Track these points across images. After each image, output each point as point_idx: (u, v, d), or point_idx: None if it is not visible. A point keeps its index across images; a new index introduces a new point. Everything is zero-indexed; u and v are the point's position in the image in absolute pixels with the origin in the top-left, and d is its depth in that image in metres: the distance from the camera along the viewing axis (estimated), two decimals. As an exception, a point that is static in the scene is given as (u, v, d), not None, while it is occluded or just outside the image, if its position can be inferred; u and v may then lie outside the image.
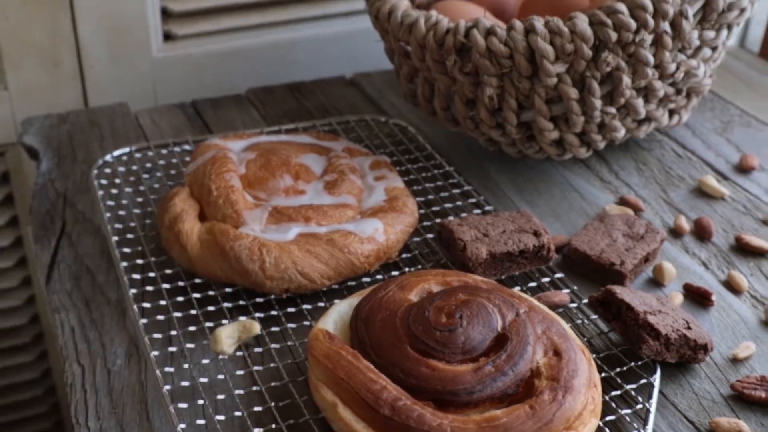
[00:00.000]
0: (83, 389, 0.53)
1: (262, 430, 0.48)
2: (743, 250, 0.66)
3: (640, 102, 0.68)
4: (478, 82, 0.65)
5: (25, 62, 0.86)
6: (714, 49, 0.71)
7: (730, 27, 0.70)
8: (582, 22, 0.61)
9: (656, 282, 0.62)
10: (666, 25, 0.63)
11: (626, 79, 0.64)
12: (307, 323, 0.56)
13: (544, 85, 0.63)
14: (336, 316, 0.52)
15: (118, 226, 0.64)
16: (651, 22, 0.62)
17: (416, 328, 0.48)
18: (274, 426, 0.49)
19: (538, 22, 0.61)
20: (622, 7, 0.61)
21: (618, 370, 0.53)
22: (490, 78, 0.64)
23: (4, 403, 1.00)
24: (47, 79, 0.87)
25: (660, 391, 0.53)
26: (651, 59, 0.64)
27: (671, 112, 0.75)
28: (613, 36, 0.61)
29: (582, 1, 0.71)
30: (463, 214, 0.65)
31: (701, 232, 0.67)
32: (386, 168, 0.66)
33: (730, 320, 0.59)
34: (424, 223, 0.66)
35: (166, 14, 0.90)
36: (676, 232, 0.68)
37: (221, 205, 0.60)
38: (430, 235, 0.64)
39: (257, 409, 0.50)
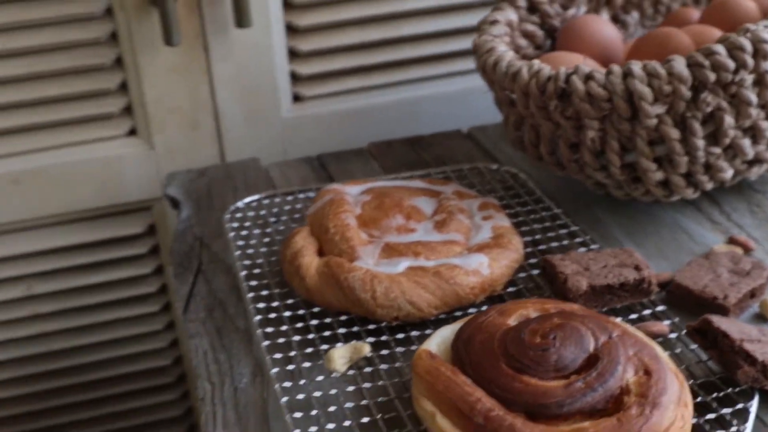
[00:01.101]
0: (212, 403, 0.59)
1: (368, 439, 0.52)
2: None
3: (746, 142, 0.69)
4: (580, 125, 0.68)
5: (169, 125, 0.95)
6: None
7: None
8: (679, 64, 0.63)
9: (763, 317, 0.63)
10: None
11: (729, 119, 0.66)
12: (414, 347, 0.60)
13: (644, 126, 0.66)
14: (439, 340, 0.56)
15: (246, 263, 0.70)
16: (750, 62, 0.64)
17: (512, 348, 0.51)
18: (380, 437, 0.53)
19: (636, 66, 0.64)
20: (720, 48, 0.63)
21: (714, 395, 0.54)
22: (591, 121, 0.67)
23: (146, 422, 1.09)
24: (188, 139, 0.96)
25: (759, 418, 0.54)
26: (754, 99, 0.66)
27: (784, 154, 0.76)
28: (712, 77, 0.63)
29: (687, 45, 0.73)
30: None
31: (812, 271, 0.67)
32: (493, 209, 0.70)
33: (838, 353, 0.59)
34: (531, 260, 0.69)
35: (294, 78, 0.97)
36: (786, 271, 0.68)
37: (338, 242, 0.65)
38: (535, 271, 0.67)
39: (364, 420, 0.54)
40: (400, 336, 0.61)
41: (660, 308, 0.62)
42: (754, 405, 0.53)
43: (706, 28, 0.75)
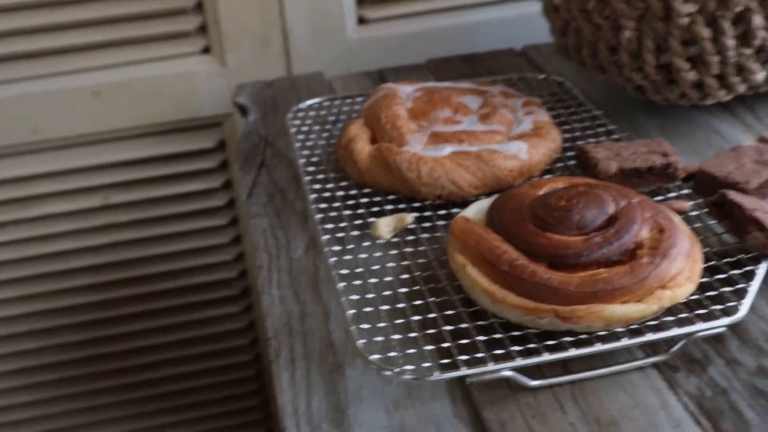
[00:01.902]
0: (269, 269, 0.66)
1: (407, 289, 0.58)
2: None
3: (777, 45, 0.72)
4: (618, 26, 0.72)
5: (241, 43, 1.01)
6: None
7: None
8: (710, -36, 0.67)
9: (784, 203, 0.67)
10: (798, -33, 0.68)
11: (758, 19, 0.70)
12: (454, 221, 0.66)
13: (677, 26, 0.70)
14: (476, 209, 0.61)
15: (305, 152, 0.77)
16: (779, -38, 0.67)
17: (539, 210, 0.57)
18: (416, 287, 0.59)
19: (669, -34, 0.68)
20: (749, -52, 0.67)
21: (726, 260, 0.59)
22: (627, 21, 0.71)
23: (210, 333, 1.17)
24: (258, 56, 1.03)
25: (766, 283, 0.58)
26: (783, 0, 0.69)
27: (819, 63, 0.79)
28: (741, -24, 0.67)
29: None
30: (604, 146, 0.73)
31: (838, 166, 0.71)
32: (536, 106, 0.75)
33: None
34: (568, 153, 0.73)
35: (360, 0, 1.03)
36: (813, 166, 0.71)
37: (388, 130, 0.71)
38: (572, 162, 0.72)
39: (404, 276, 0.60)
40: (442, 212, 0.67)
41: (685, 191, 0.67)
42: (762, 267, 0.57)
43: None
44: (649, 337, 0.52)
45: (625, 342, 0.52)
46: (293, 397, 0.53)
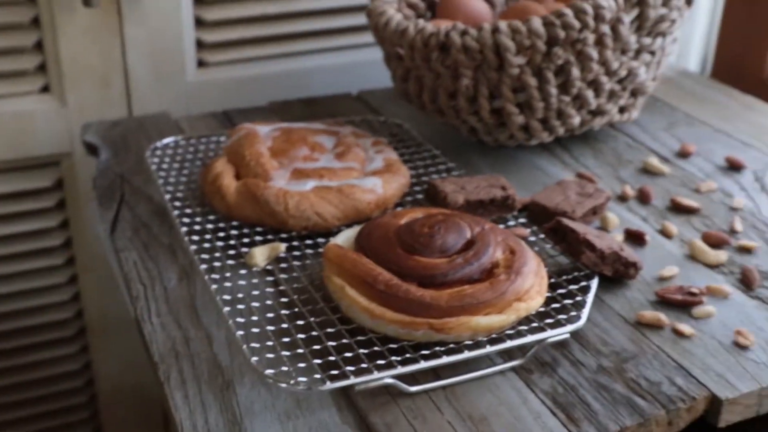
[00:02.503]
0: (146, 299, 0.68)
1: (288, 311, 0.63)
2: (676, 209, 0.81)
3: (590, 93, 0.84)
4: (457, 75, 0.81)
5: (82, 83, 1.02)
6: (652, 53, 0.87)
7: (664, 35, 0.87)
8: (537, 22, 0.77)
9: (603, 229, 0.77)
10: (606, 28, 0.80)
11: (575, 72, 0.81)
12: (321, 249, 0.71)
13: (509, 75, 0.79)
14: (344, 237, 0.67)
15: (169, 188, 0.80)
16: (592, 23, 0.78)
17: (405, 236, 0.64)
18: (296, 309, 0.64)
19: (502, 24, 0.78)
20: (568, 11, 0.78)
21: (564, 277, 0.68)
22: (465, 70, 0.80)
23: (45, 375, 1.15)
24: (99, 96, 1.04)
25: (598, 296, 0.68)
26: (595, 56, 0.80)
27: (622, 109, 0.91)
28: (562, 34, 0.78)
29: (542, 14, 0.87)
30: (447, 180, 0.81)
31: (643, 197, 0.83)
32: (384, 145, 0.82)
33: (660, 254, 0.74)
34: (415, 188, 0.81)
35: (200, 45, 1.07)
36: (622, 198, 0.83)
37: (253, 167, 0.76)
38: (420, 196, 0.80)
39: (283, 300, 0.65)
40: (309, 242, 0.72)
41: (522, 220, 0.76)
42: (594, 282, 0.67)
43: (559, 4, 0.90)
44: (509, 344, 0.60)
45: (488, 349, 0.59)
46: (190, 414, 0.57)
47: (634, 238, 0.76)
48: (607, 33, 0.80)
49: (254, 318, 0.63)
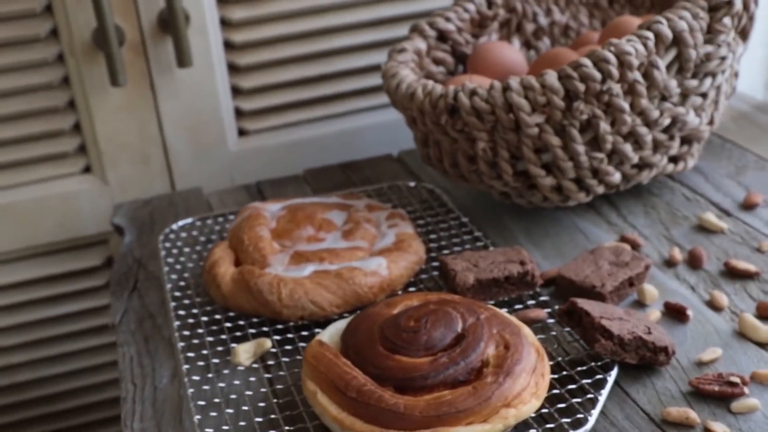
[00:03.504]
0: (133, 401, 0.64)
1: (262, 418, 0.58)
2: (731, 273, 0.71)
3: (628, 147, 0.75)
4: (472, 138, 0.74)
5: (121, 161, 1.01)
6: (703, 96, 0.78)
7: (714, 75, 0.77)
8: (551, 77, 0.70)
9: (640, 303, 0.69)
10: (637, 75, 0.71)
11: (604, 126, 0.72)
12: (314, 342, 0.66)
13: (527, 135, 0.72)
14: (333, 330, 0.62)
15: (174, 276, 0.77)
16: (616, 73, 0.70)
17: (388, 331, 0.57)
18: (273, 416, 0.58)
19: (513, 80, 0.71)
20: (587, 61, 0.70)
21: (578, 368, 0.60)
22: (480, 133, 0.73)
23: None
24: (140, 173, 1.03)
25: (621, 388, 0.59)
26: (626, 107, 0.72)
27: (675, 159, 0.82)
28: (581, 87, 0.70)
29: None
30: (468, 254, 0.74)
31: (693, 261, 0.73)
32: (399, 218, 0.76)
33: (704, 331, 0.65)
34: (434, 264, 0.74)
35: (239, 113, 1.04)
36: (669, 263, 0.74)
37: (251, 252, 0.71)
38: (436, 273, 0.73)
39: (261, 404, 0.60)
40: (305, 333, 0.67)
41: (543, 298, 0.68)
42: (612, 375, 0.58)
43: (596, 47, 0.82)
44: (497, 456, 0.52)
45: (472, 464, 0.52)
46: None
47: (675, 313, 0.67)
48: (639, 80, 0.72)
49: (225, 427, 0.58)
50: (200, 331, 0.69)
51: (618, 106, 0.72)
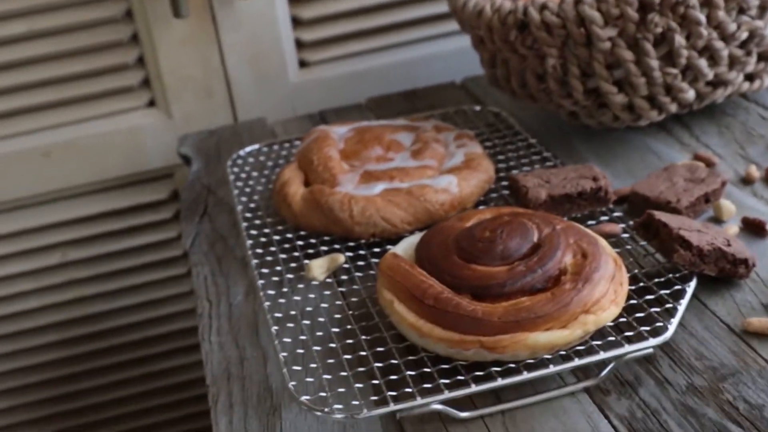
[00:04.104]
0: (209, 317, 0.65)
1: (339, 329, 0.59)
2: (810, 190, 0.69)
3: (703, 62, 0.73)
4: (542, 55, 0.73)
5: (185, 94, 1.02)
6: (784, 9, 0.75)
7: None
8: (625, -12, 0.68)
9: (716, 220, 0.67)
10: (713, -14, 0.69)
11: (679, 39, 0.70)
12: (387, 258, 0.66)
13: (599, 50, 0.71)
14: (406, 245, 0.62)
15: (243, 199, 0.77)
16: (693, -18, 0.68)
17: (463, 242, 0.57)
18: (349, 326, 0.59)
19: (586, -7, 0.69)
20: (663, -29, 0.68)
21: (656, 280, 0.59)
22: (550, 49, 0.72)
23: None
24: (203, 106, 1.03)
25: (700, 301, 0.58)
26: (702, 19, 0.70)
27: (751, 77, 0.79)
28: (656, -2, 0.68)
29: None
30: (539, 174, 0.73)
31: (770, 178, 0.71)
32: (467, 138, 0.75)
33: (784, 246, 0.63)
34: (503, 183, 0.74)
35: (299, 44, 1.04)
36: (746, 180, 0.72)
37: (321, 172, 0.71)
38: (506, 191, 0.73)
39: (337, 316, 0.60)
40: (377, 250, 0.67)
41: (617, 214, 0.67)
42: (691, 286, 0.58)
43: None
44: (576, 362, 0.52)
45: (552, 369, 0.52)
46: (229, 444, 0.53)
47: (753, 228, 0.65)
48: (716, -9, 0.69)
49: (303, 337, 0.59)
50: (273, 249, 0.69)
51: (694, 18, 0.70)
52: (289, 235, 0.71)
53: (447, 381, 0.52)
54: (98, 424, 1.17)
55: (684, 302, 0.56)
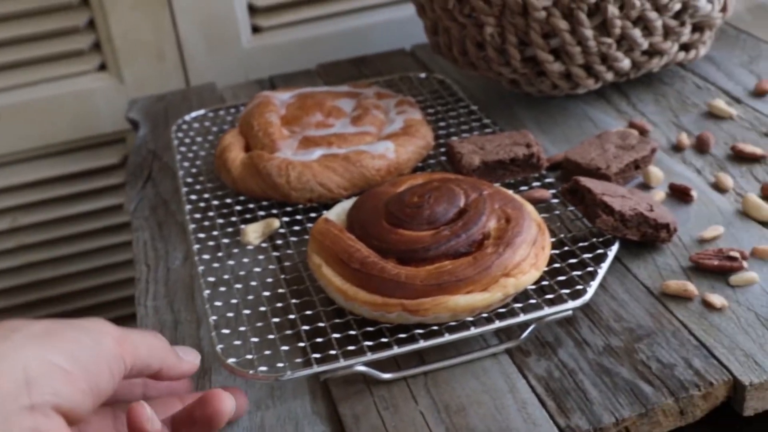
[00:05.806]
0: (146, 281, 0.66)
1: (270, 292, 0.60)
2: (738, 157, 0.71)
3: (637, 33, 0.74)
4: (481, 23, 0.74)
5: (136, 58, 1.02)
6: (715, -19, 0.77)
7: (726, -40, 0.76)
8: (560, -43, 0.69)
9: (645, 186, 0.69)
10: (646, -43, 0.70)
11: (612, 9, 0.72)
12: (322, 223, 0.67)
13: (536, 19, 0.72)
14: (339, 210, 0.63)
15: (186, 164, 0.78)
16: (626, -47, 0.69)
17: (392, 207, 0.58)
18: (280, 290, 0.60)
19: (521, -38, 0.70)
20: (596, -59, 0.69)
21: (581, 244, 0.61)
22: (487, 17, 0.73)
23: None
24: (155, 70, 1.03)
25: (623, 264, 0.60)
26: (636, -11, 0.71)
27: (686, 47, 0.81)
28: (590, -32, 0.69)
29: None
30: (475, 140, 0.74)
31: (700, 145, 0.73)
32: (408, 105, 0.76)
33: (707, 212, 0.65)
34: (442, 150, 0.75)
35: (252, 9, 1.04)
36: (677, 147, 0.74)
37: (260, 137, 0.72)
38: (444, 158, 0.74)
39: (269, 280, 0.61)
40: (313, 215, 0.68)
41: (549, 180, 0.69)
42: (613, 249, 0.59)
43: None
44: (497, 324, 0.54)
45: (473, 331, 0.53)
46: (156, 406, 0.54)
47: (679, 194, 0.67)
48: (649, -38, 0.71)
49: (234, 301, 0.60)
50: (211, 214, 0.70)
51: (627, -12, 0.71)
52: (229, 200, 0.71)
53: (371, 343, 0.53)
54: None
55: (605, 266, 0.58)
